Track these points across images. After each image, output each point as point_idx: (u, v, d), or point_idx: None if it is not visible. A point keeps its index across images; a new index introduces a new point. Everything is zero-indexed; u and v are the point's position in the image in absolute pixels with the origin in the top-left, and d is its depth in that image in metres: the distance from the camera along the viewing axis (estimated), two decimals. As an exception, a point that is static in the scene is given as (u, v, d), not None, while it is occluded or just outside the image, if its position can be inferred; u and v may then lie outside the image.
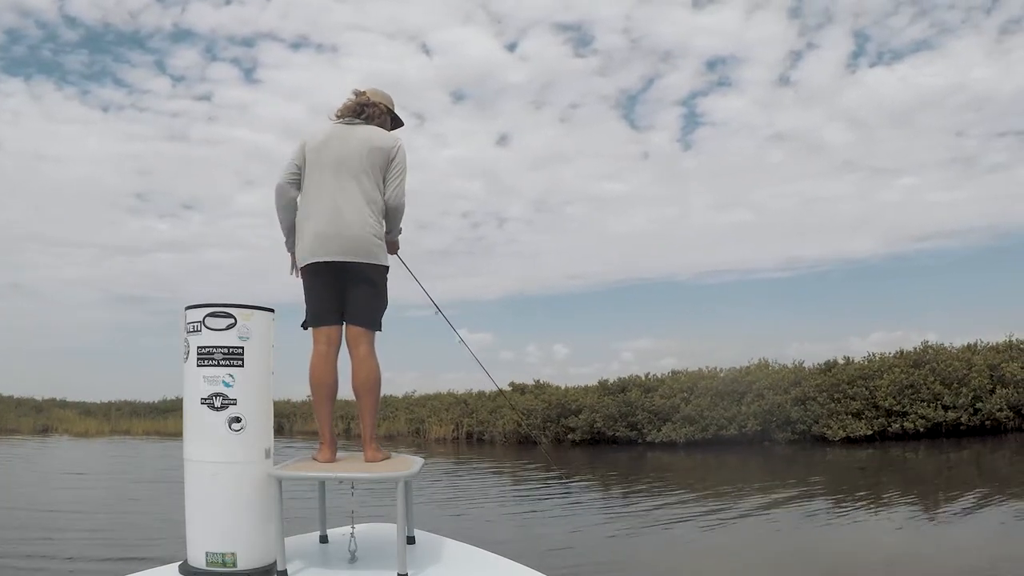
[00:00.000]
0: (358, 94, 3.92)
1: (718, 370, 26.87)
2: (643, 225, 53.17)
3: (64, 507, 13.49)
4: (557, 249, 56.14)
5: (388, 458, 3.52)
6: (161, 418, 45.05)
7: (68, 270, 58.10)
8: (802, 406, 23.49)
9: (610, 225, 53.70)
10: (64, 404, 51.66)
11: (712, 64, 51.40)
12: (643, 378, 28.03)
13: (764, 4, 47.70)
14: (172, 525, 4.06)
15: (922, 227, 49.40)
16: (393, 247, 3.98)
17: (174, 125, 52.72)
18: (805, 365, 25.81)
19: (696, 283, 52.60)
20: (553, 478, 17.73)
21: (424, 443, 30.95)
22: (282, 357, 3.26)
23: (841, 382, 23.48)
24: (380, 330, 3.69)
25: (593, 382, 30.41)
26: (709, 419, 24.21)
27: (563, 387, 31.15)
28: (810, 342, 54.05)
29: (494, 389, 33.75)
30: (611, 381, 28.70)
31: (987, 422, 21.65)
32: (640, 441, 25.43)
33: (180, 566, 3.04)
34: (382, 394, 3.75)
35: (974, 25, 43.29)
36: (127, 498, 15.25)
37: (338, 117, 3.88)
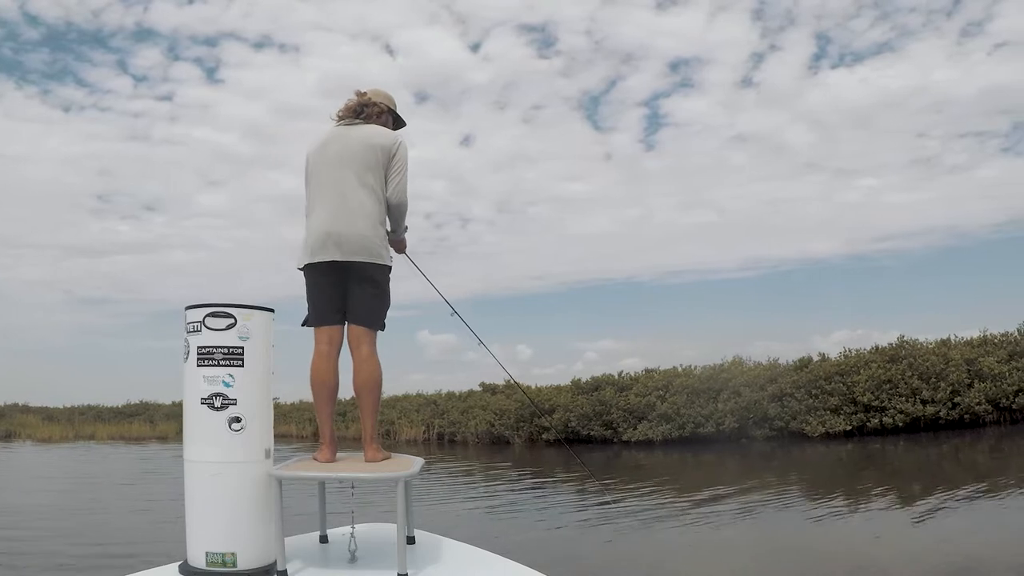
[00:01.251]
0: (359, 94, 4.01)
1: (692, 368, 27.29)
2: (606, 226, 54.32)
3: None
4: (520, 250, 57.14)
5: (388, 458, 3.60)
6: (126, 422, 45.04)
7: (28, 271, 57.88)
8: (779, 403, 23.88)
9: (573, 226, 54.72)
10: (26, 409, 51.48)
11: (675, 65, 52.33)
12: (616, 377, 28.35)
13: (727, 6, 48.86)
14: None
15: (883, 228, 50.64)
16: (400, 246, 4.09)
17: (136, 125, 52.96)
18: (780, 362, 26.29)
19: (659, 283, 53.85)
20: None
21: (394, 445, 30.89)
22: (280, 357, 3.34)
23: (818, 378, 23.90)
24: (383, 330, 3.77)
25: (556, 382, 30.91)
26: (686, 417, 24.54)
27: (534, 387, 31.32)
28: (772, 341, 55.02)
29: (464, 390, 34.12)
30: (584, 380, 29.00)
31: (966, 416, 22.20)
32: (616, 440, 25.68)
33: (180, 566, 3.11)
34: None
35: (935, 28, 44.54)
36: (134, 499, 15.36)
37: (339, 118, 3.97)
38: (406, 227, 4.02)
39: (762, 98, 48.41)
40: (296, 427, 37.28)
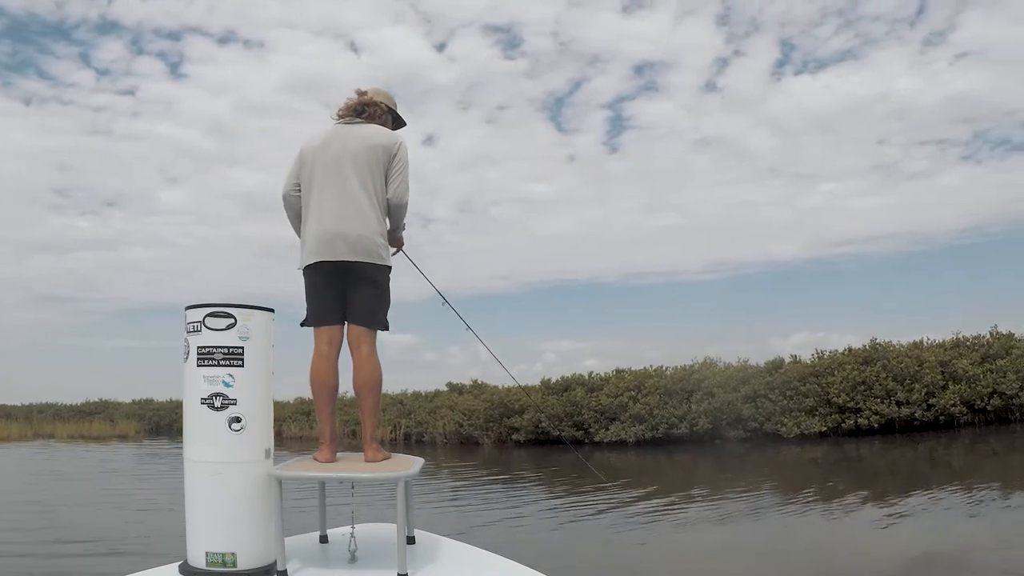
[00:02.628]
0: (360, 93, 4.08)
1: (664, 368, 27.59)
2: (569, 227, 55.22)
3: None
4: (482, 250, 57.98)
5: (388, 458, 3.69)
6: (86, 421, 45.17)
7: (-13, 268, 57.12)
8: (753, 403, 24.25)
9: (535, 227, 55.75)
10: (-17, 407, 51.42)
11: (640, 69, 53.23)
12: (586, 377, 28.57)
13: (693, 11, 50.26)
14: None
15: (843, 232, 52.31)
16: (398, 243, 4.17)
17: (97, 119, 52.90)
18: (751, 363, 26.71)
19: (620, 284, 54.89)
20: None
21: (360, 444, 30.72)
22: (278, 357, 3.41)
23: (792, 379, 24.29)
24: (386, 329, 3.86)
25: (518, 383, 30.81)
26: (659, 418, 24.83)
27: (501, 387, 31.40)
28: (732, 343, 55.83)
29: (430, 390, 34.12)
30: (553, 380, 29.16)
31: (941, 417, 22.75)
32: (587, 441, 25.89)
33: (180, 566, 3.17)
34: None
35: (898, 37, 46.02)
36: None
37: (339, 117, 4.03)
38: (404, 225, 4.10)
39: (726, 103, 49.93)
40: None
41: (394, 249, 4.10)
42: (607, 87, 53.81)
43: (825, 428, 23.21)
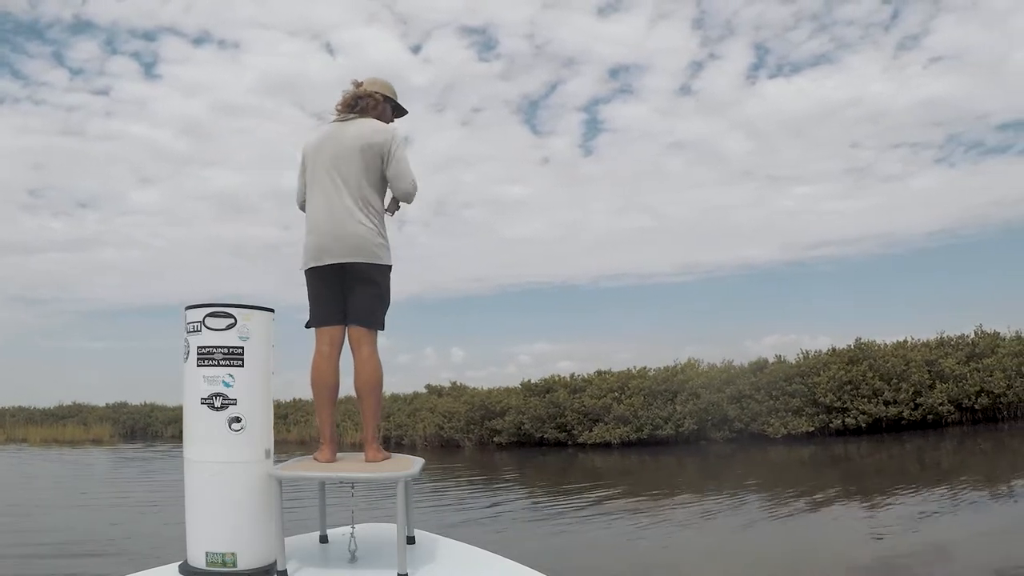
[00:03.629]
0: (356, 84, 4.13)
1: (647, 369, 27.74)
2: (542, 229, 55.69)
3: None
4: (455, 252, 58.06)
5: (388, 458, 3.76)
6: (59, 424, 44.94)
7: (-44, 268, 56.67)
8: (738, 404, 24.44)
9: (509, 229, 56.05)
10: (-47, 410, 50.99)
11: (615, 72, 53.74)
12: (568, 378, 28.66)
13: (668, 14, 50.89)
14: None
15: (817, 235, 53.06)
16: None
17: (70, 119, 52.57)
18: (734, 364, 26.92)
19: (594, 287, 55.20)
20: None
21: (339, 447, 30.68)
22: (279, 357, 3.47)
23: (779, 379, 24.47)
24: (383, 329, 3.94)
25: (489, 385, 31.37)
26: (644, 419, 24.96)
27: (484, 388, 31.58)
28: (705, 345, 56.29)
29: (409, 392, 34.10)
30: (534, 382, 29.22)
31: (929, 416, 23.03)
32: (570, 443, 26.01)
33: (180, 566, 3.23)
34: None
35: (872, 41, 46.61)
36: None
37: (337, 112, 4.07)
38: (400, 207, 4.17)
39: (701, 106, 50.49)
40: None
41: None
42: (582, 90, 54.44)
43: (812, 428, 23.40)
